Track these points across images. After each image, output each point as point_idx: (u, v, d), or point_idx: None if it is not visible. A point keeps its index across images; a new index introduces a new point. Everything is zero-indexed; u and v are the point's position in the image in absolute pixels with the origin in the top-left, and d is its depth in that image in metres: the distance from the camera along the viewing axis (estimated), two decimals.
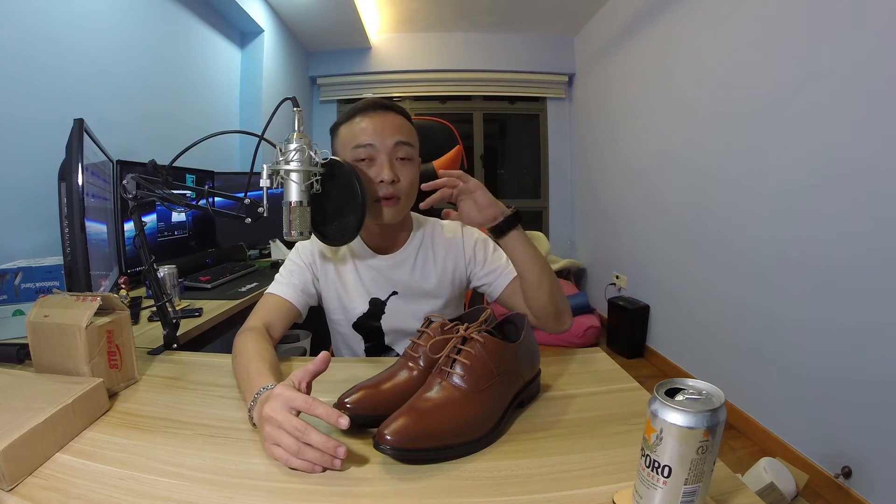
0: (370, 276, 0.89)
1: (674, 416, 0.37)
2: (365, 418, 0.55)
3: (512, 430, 0.58)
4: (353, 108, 0.84)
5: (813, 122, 1.57)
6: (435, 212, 1.29)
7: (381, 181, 0.79)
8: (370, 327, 0.90)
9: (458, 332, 0.58)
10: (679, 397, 0.39)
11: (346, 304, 0.90)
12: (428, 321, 0.64)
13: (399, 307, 0.89)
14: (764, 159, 1.80)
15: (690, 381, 0.41)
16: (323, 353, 0.55)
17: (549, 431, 0.57)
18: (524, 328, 0.64)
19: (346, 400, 0.55)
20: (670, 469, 0.38)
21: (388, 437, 0.48)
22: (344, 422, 0.48)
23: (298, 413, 0.50)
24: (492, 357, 0.56)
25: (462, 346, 0.56)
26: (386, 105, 0.83)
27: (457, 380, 0.54)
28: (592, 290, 3.50)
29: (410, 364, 0.61)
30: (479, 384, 0.54)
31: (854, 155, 1.43)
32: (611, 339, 2.92)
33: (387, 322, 0.90)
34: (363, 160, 0.81)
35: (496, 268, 0.90)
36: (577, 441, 0.55)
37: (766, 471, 1.38)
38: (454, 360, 0.56)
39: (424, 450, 0.49)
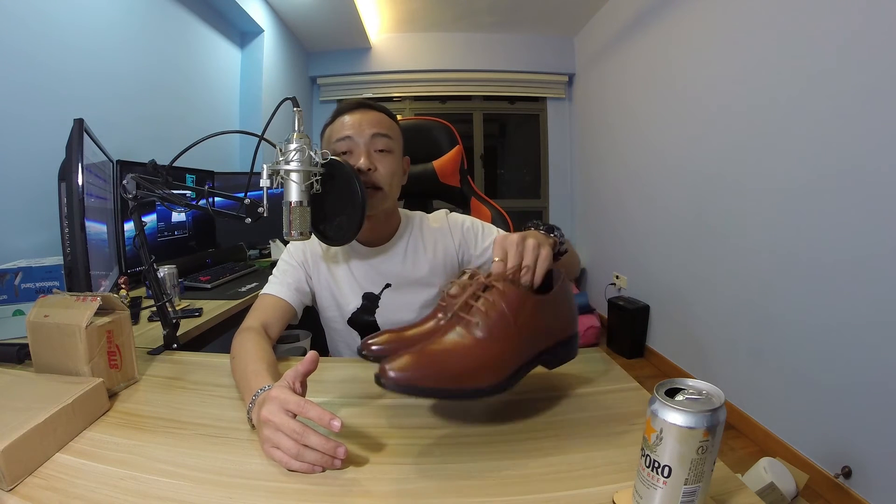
0: (362, 271, 0.90)
1: (674, 416, 0.37)
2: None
3: (512, 430, 0.58)
4: (337, 109, 0.87)
5: (813, 122, 1.57)
6: (422, 206, 1.29)
7: (359, 169, 0.80)
8: (365, 322, 0.90)
9: (479, 279, 0.56)
10: (679, 397, 0.39)
11: (340, 300, 0.90)
12: (463, 273, 0.62)
13: (393, 299, 0.90)
14: (764, 159, 1.80)
15: (690, 381, 0.41)
16: (311, 353, 0.55)
17: (549, 431, 0.57)
18: (557, 284, 0.61)
19: (371, 341, 0.55)
20: (670, 469, 0.38)
21: (391, 374, 0.47)
22: (337, 424, 0.47)
23: (295, 415, 0.50)
24: (510, 307, 0.53)
25: (482, 294, 0.54)
26: (366, 104, 0.86)
27: (472, 326, 0.52)
28: (592, 290, 3.50)
29: (440, 315, 0.59)
30: (492, 332, 0.52)
31: (855, 155, 1.43)
32: (611, 339, 2.92)
33: (382, 316, 0.90)
34: (344, 153, 0.83)
35: (492, 244, 0.89)
36: (577, 441, 0.55)
37: (766, 471, 1.38)
38: (471, 306, 0.54)
39: (424, 388, 0.48)
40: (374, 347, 0.55)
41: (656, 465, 0.38)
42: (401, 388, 0.47)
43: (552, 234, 0.66)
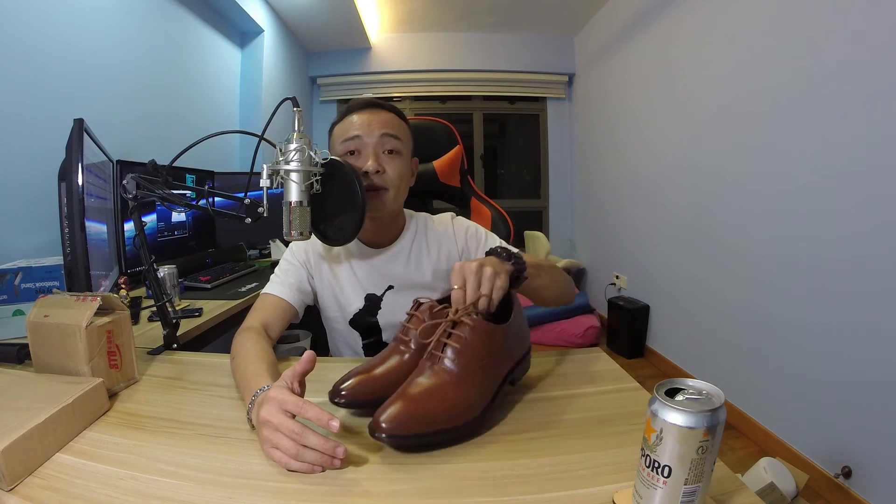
0: (365, 272, 0.90)
1: (674, 416, 0.37)
2: (360, 403, 0.56)
3: (511, 430, 0.58)
4: (346, 107, 0.86)
5: (813, 122, 1.57)
6: (422, 206, 1.29)
7: (366, 172, 0.80)
8: (367, 323, 0.90)
9: (448, 315, 0.58)
10: (679, 397, 0.39)
11: (342, 301, 0.90)
12: (417, 304, 0.65)
13: (395, 301, 0.89)
14: (764, 159, 1.80)
15: (690, 381, 0.41)
16: (308, 353, 0.55)
17: (549, 431, 0.57)
18: (514, 308, 0.64)
19: (342, 387, 0.56)
20: (670, 469, 0.38)
21: (384, 425, 0.48)
22: (335, 424, 0.48)
23: (294, 415, 0.50)
24: (482, 340, 0.56)
25: (452, 330, 0.56)
26: (377, 104, 0.85)
27: (447, 363, 0.54)
28: (592, 290, 3.50)
29: (402, 348, 0.61)
30: (469, 367, 0.55)
31: (854, 155, 1.43)
32: (611, 339, 2.92)
33: (383, 317, 0.90)
34: (352, 153, 0.82)
35: None
36: (577, 441, 0.55)
37: (766, 471, 1.38)
38: (444, 344, 0.56)
39: (420, 435, 0.50)
40: (344, 393, 0.56)
41: (656, 465, 0.38)
42: (396, 438, 0.49)
43: (510, 261, 0.66)
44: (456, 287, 0.59)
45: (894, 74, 1.30)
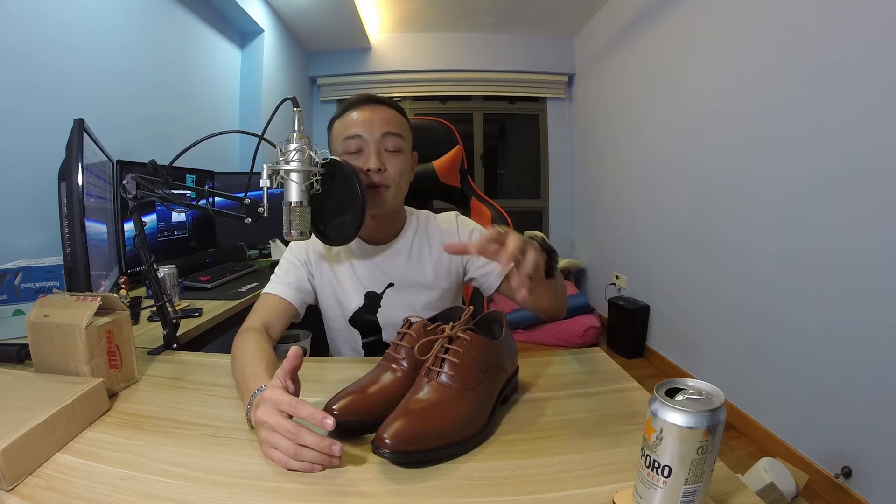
0: (365, 270, 0.89)
1: (674, 416, 0.37)
2: (354, 424, 0.54)
3: (511, 430, 0.58)
4: (346, 103, 0.85)
5: (813, 122, 1.57)
6: (422, 206, 1.29)
7: (368, 170, 0.79)
8: (367, 322, 0.90)
9: (444, 331, 0.58)
10: (679, 397, 0.39)
11: (342, 299, 0.90)
12: (408, 322, 0.65)
13: (396, 299, 0.89)
14: (764, 159, 1.80)
15: (690, 381, 0.41)
16: (293, 349, 0.55)
17: (549, 431, 0.57)
18: (504, 325, 0.65)
19: (334, 407, 0.55)
20: (670, 469, 0.38)
21: (388, 441, 0.48)
22: (329, 422, 0.48)
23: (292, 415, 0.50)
24: (479, 355, 0.57)
25: (449, 346, 0.57)
26: (377, 99, 0.84)
27: (446, 379, 0.54)
28: (592, 290, 3.50)
29: (394, 366, 0.61)
30: (468, 382, 0.55)
31: (855, 155, 1.43)
32: (611, 339, 2.92)
33: (383, 316, 0.89)
34: (353, 152, 0.82)
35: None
36: (577, 441, 0.55)
37: (766, 471, 1.38)
38: (443, 359, 0.56)
39: (423, 451, 0.49)
40: (336, 413, 0.54)
41: (656, 465, 0.38)
42: (400, 454, 0.48)
43: (548, 254, 0.66)
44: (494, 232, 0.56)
45: (894, 75, 1.30)
